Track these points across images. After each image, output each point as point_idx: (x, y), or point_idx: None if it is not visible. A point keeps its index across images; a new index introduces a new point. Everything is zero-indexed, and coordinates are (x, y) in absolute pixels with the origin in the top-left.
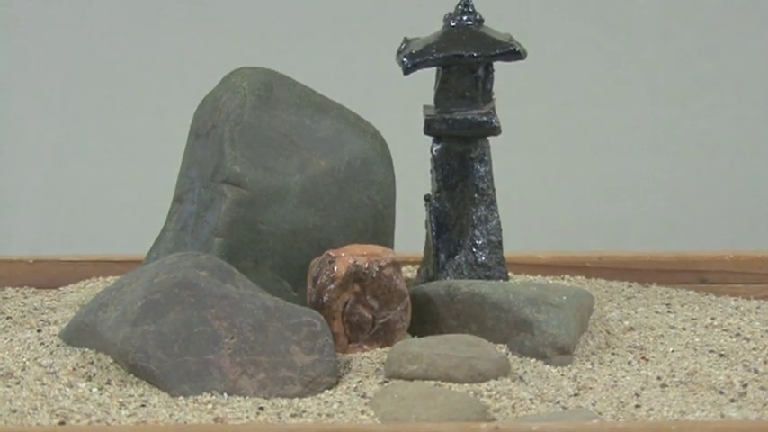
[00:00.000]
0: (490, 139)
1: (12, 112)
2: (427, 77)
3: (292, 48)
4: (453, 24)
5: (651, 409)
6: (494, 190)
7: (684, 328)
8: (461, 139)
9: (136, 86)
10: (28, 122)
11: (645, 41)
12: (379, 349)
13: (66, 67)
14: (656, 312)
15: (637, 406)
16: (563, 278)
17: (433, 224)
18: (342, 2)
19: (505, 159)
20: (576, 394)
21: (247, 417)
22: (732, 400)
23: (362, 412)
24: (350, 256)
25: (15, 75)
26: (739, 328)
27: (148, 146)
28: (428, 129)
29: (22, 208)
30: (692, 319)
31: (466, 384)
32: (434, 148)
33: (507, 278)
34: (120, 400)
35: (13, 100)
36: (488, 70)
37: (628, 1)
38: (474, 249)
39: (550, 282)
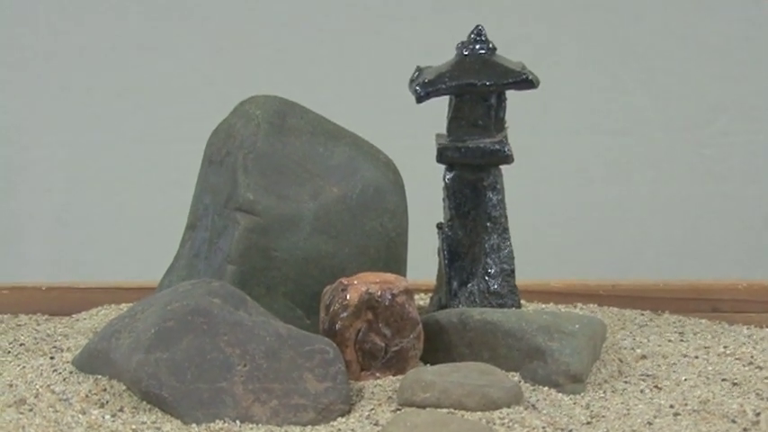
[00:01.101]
0: (503, 167)
1: (24, 138)
2: (440, 106)
3: (305, 76)
4: (466, 53)
5: None
6: (506, 218)
7: (697, 357)
8: (474, 167)
9: (149, 113)
10: (40, 149)
11: (656, 68)
12: (391, 377)
13: (79, 94)
14: (669, 341)
15: None
16: (575, 306)
17: (445, 252)
18: (354, 30)
19: (518, 187)
20: (588, 423)
21: None
22: (745, 429)
23: None
24: (362, 284)
25: (27, 100)
26: (752, 357)
27: (162, 172)
28: (441, 157)
29: (35, 235)
30: (705, 347)
31: (478, 412)
32: (447, 177)
33: (520, 306)
34: (133, 427)
35: (26, 126)
36: (501, 99)
37: (639, 28)
38: (486, 277)
39: (563, 310)
